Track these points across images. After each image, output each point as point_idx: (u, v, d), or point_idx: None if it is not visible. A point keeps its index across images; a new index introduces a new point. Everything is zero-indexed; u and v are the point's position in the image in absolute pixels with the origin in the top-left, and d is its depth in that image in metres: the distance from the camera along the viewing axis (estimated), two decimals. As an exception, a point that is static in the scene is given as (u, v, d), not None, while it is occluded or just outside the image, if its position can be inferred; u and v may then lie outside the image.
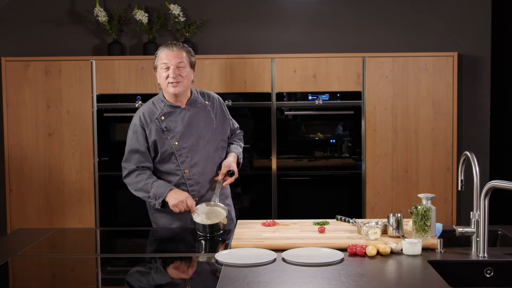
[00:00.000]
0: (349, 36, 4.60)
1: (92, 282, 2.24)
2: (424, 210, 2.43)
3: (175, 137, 2.89)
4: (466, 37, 4.56)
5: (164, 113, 2.91)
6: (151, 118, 2.90)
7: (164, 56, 2.87)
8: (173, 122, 2.90)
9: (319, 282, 2.02)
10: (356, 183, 4.34)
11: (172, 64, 2.85)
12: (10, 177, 4.32)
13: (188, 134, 2.90)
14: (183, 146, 2.90)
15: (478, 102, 4.58)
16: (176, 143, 2.89)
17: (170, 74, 2.86)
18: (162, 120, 2.90)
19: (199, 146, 2.92)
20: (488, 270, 2.29)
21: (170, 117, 2.91)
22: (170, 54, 2.86)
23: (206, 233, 2.74)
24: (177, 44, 2.90)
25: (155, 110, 2.92)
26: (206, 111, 2.98)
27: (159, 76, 2.93)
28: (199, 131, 2.93)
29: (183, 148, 2.90)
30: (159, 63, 2.90)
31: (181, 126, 2.90)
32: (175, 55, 2.86)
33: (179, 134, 2.89)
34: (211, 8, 4.60)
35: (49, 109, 4.30)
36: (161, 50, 2.90)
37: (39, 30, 4.60)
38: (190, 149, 2.90)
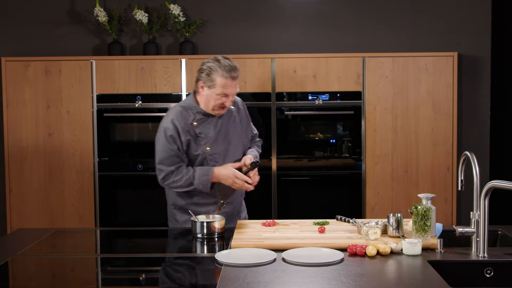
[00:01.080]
0: (349, 36, 4.60)
1: (92, 282, 2.24)
2: (424, 210, 2.43)
3: (208, 143, 2.93)
4: (466, 37, 4.56)
5: (197, 120, 2.92)
6: (184, 123, 2.89)
7: (224, 84, 2.79)
8: (206, 128, 2.92)
9: (319, 282, 2.02)
10: (356, 183, 4.34)
11: (231, 94, 2.82)
12: (10, 177, 4.32)
13: (219, 140, 2.95)
14: (215, 151, 2.94)
15: (478, 102, 4.58)
16: (209, 149, 2.93)
17: (227, 103, 2.84)
18: (195, 126, 2.91)
19: (229, 151, 2.97)
20: (488, 270, 2.29)
21: (203, 124, 2.93)
22: (231, 85, 2.80)
23: (203, 233, 2.74)
24: (235, 67, 2.81)
25: (188, 116, 2.91)
26: (233, 116, 3.01)
27: (209, 96, 2.85)
28: (228, 137, 2.97)
29: (215, 154, 2.94)
30: (215, 88, 2.80)
31: (213, 132, 2.93)
32: (235, 85, 2.82)
33: (212, 140, 2.93)
34: (211, 8, 4.60)
35: (49, 109, 4.30)
36: (221, 75, 2.78)
37: (39, 30, 4.61)
38: (221, 154, 2.95)
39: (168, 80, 4.28)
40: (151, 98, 4.29)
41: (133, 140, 4.36)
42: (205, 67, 2.82)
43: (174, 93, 4.28)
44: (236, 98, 3.06)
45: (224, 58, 2.83)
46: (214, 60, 2.82)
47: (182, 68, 4.28)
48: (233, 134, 2.98)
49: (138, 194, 4.37)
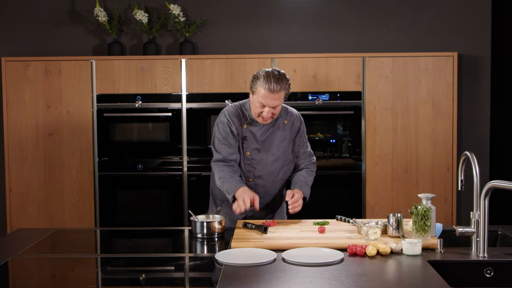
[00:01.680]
0: (349, 36, 4.60)
1: (92, 282, 2.24)
2: (424, 210, 2.43)
3: (249, 148, 2.97)
4: (466, 37, 4.56)
5: (248, 123, 2.95)
6: (237, 121, 2.95)
7: (263, 95, 2.79)
8: (252, 134, 2.96)
9: (319, 282, 2.02)
10: (356, 183, 4.34)
11: (269, 106, 2.82)
12: (10, 177, 4.32)
13: (261, 148, 2.98)
14: (254, 158, 2.98)
15: (478, 102, 4.58)
16: (248, 153, 2.97)
17: (264, 114, 2.84)
18: (244, 128, 2.95)
19: (268, 161, 2.99)
20: (488, 270, 2.29)
21: (251, 128, 2.96)
22: (270, 97, 2.78)
23: (203, 233, 2.74)
24: (280, 81, 2.79)
25: (241, 116, 2.96)
26: (283, 129, 3.01)
27: (253, 103, 2.87)
28: (271, 148, 2.98)
29: (253, 160, 2.98)
30: (256, 95, 2.82)
31: (258, 140, 2.96)
32: (274, 98, 2.79)
33: (253, 146, 2.97)
34: (211, 8, 4.60)
35: (49, 109, 4.30)
36: (262, 85, 2.79)
37: (39, 30, 4.61)
38: (259, 162, 2.98)
39: (168, 80, 4.28)
40: (151, 98, 4.29)
41: (133, 140, 4.36)
42: (255, 73, 2.86)
43: (174, 93, 4.28)
44: (295, 113, 3.06)
45: (275, 70, 2.83)
46: (264, 71, 2.83)
47: (182, 68, 4.28)
48: (277, 146, 2.99)
49: (138, 194, 4.38)
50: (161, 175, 4.33)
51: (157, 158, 4.32)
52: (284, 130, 3.01)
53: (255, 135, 2.96)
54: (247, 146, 2.97)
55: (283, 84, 2.81)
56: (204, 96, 4.28)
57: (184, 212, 4.31)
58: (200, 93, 4.28)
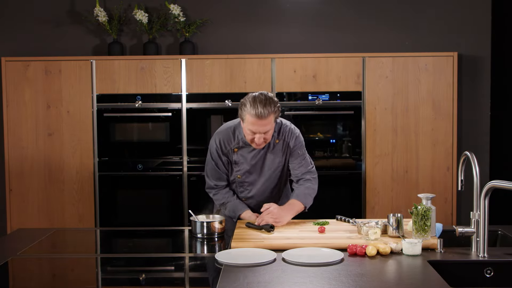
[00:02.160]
0: (349, 36, 4.60)
1: (92, 282, 2.24)
2: (424, 210, 2.43)
3: (240, 171, 2.98)
4: (466, 37, 4.56)
5: (239, 147, 2.94)
6: (226, 147, 2.95)
7: (251, 122, 2.72)
8: (243, 157, 2.95)
9: (319, 282, 2.02)
10: (356, 183, 4.33)
11: (260, 132, 2.76)
12: (10, 177, 4.32)
13: (252, 170, 2.98)
14: (245, 180, 3.00)
15: (478, 102, 4.58)
16: (239, 177, 2.99)
17: (256, 140, 2.79)
18: (235, 152, 2.95)
19: (259, 182, 3.00)
20: (488, 270, 2.29)
21: (242, 151, 2.94)
22: (258, 123, 2.72)
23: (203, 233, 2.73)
24: (267, 105, 2.70)
25: (232, 140, 2.94)
26: (275, 150, 2.96)
27: (244, 129, 2.82)
28: (263, 169, 2.99)
29: (245, 182, 3.01)
30: (245, 123, 2.76)
31: (248, 164, 2.96)
32: (264, 124, 2.72)
33: (245, 170, 2.97)
34: (211, 8, 4.60)
35: (49, 109, 4.30)
36: (249, 111, 2.71)
37: (39, 30, 4.60)
38: (251, 183, 3.01)
39: (168, 80, 4.28)
40: (151, 98, 4.29)
41: (133, 140, 4.36)
42: (242, 101, 2.79)
43: (174, 93, 4.28)
44: (286, 128, 2.96)
45: (261, 95, 2.74)
46: (250, 96, 2.75)
47: (182, 68, 4.28)
48: (268, 166, 2.97)
49: (138, 194, 4.37)
50: (161, 175, 4.33)
51: (157, 158, 4.32)
52: (275, 150, 2.96)
53: (246, 159, 2.94)
54: (238, 169, 2.97)
55: (271, 108, 2.71)
56: (204, 96, 4.28)
57: (184, 212, 4.30)
58: (200, 93, 4.28)
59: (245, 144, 2.91)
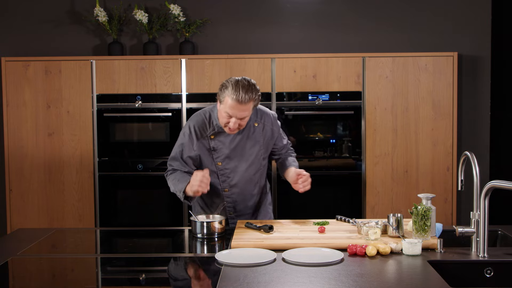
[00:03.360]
0: (349, 36, 4.60)
1: (92, 282, 2.24)
2: (424, 210, 2.43)
3: (220, 158, 2.89)
4: (466, 37, 4.56)
5: (215, 133, 2.87)
6: (201, 133, 2.87)
7: (230, 105, 2.68)
8: (221, 143, 2.87)
9: (319, 282, 2.02)
10: (356, 183, 4.34)
11: (236, 117, 2.71)
12: (10, 177, 4.32)
13: (232, 156, 2.89)
14: (226, 167, 2.91)
15: (478, 102, 4.58)
16: (220, 163, 2.90)
17: (230, 125, 2.73)
18: (211, 139, 2.87)
19: (241, 168, 2.92)
20: (488, 270, 2.29)
21: (219, 137, 2.87)
22: (237, 108, 2.67)
23: (203, 233, 2.73)
24: (249, 91, 2.67)
25: (207, 126, 2.87)
26: (255, 133, 2.91)
27: (219, 112, 2.77)
28: (243, 154, 2.91)
29: (226, 169, 2.92)
30: (223, 105, 2.71)
31: (227, 149, 2.88)
32: (242, 109, 2.69)
33: (224, 156, 2.89)
34: (211, 8, 4.60)
35: (49, 109, 4.30)
36: (229, 94, 2.67)
37: (39, 30, 4.61)
38: (232, 170, 2.92)
39: (168, 80, 4.28)
40: (151, 98, 4.29)
41: (133, 140, 4.36)
42: (223, 83, 2.75)
43: (174, 93, 4.28)
44: (266, 113, 2.94)
45: (244, 80, 2.72)
46: (233, 80, 2.72)
47: (182, 68, 4.28)
48: (249, 151, 2.91)
49: (138, 194, 4.38)
50: (161, 175, 4.30)
51: (157, 158, 4.32)
52: (255, 133, 2.91)
53: (224, 144, 2.87)
54: (217, 156, 2.89)
55: (252, 95, 2.69)
56: (204, 96, 4.28)
57: (184, 212, 4.31)
58: (200, 93, 4.28)
59: (221, 129, 2.84)
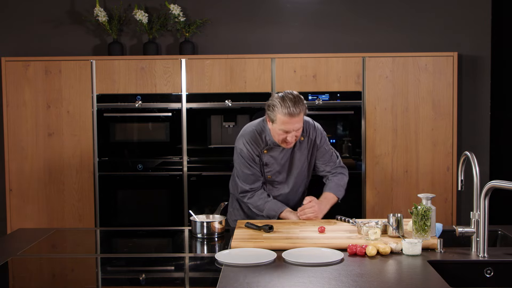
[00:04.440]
0: (349, 36, 4.60)
1: (92, 282, 2.24)
2: (424, 210, 2.43)
3: (271, 172, 3.03)
4: (466, 37, 4.56)
5: (268, 148, 2.98)
6: (255, 147, 2.98)
7: (285, 121, 2.79)
8: (273, 158, 3.00)
9: (319, 282, 2.02)
10: (356, 183, 4.33)
11: (294, 130, 2.83)
12: (10, 177, 4.32)
13: (282, 170, 3.04)
14: (275, 180, 3.06)
15: (478, 102, 4.58)
16: (270, 177, 3.04)
17: (288, 139, 2.85)
18: (265, 154, 2.99)
19: (289, 180, 3.07)
20: (488, 270, 2.29)
21: (271, 152, 3.00)
22: (291, 122, 2.80)
23: (203, 233, 2.73)
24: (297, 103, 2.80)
25: (260, 141, 2.98)
26: (302, 147, 3.04)
27: (273, 131, 2.87)
28: (292, 168, 3.05)
29: (275, 181, 3.06)
30: (277, 123, 2.83)
31: (278, 164, 3.02)
32: (296, 121, 2.81)
33: (275, 170, 3.03)
34: (211, 8, 4.60)
35: (49, 109, 4.30)
36: (281, 112, 2.79)
37: (39, 30, 4.60)
38: (280, 182, 3.07)
39: (168, 80, 4.28)
40: (151, 98, 4.29)
41: (133, 140, 4.36)
42: (270, 102, 2.86)
43: (174, 93, 4.28)
44: (310, 125, 3.05)
45: (289, 94, 2.83)
46: (278, 97, 2.83)
47: (182, 68, 4.28)
48: (296, 164, 3.04)
49: (138, 194, 4.38)
50: (161, 175, 4.33)
51: (157, 158, 4.32)
52: (301, 147, 3.04)
53: (276, 159, 3.01)
54: (269, 170, 3.03)
55: (301, 106, 2.82)
56: (204, 96, 4.28)
57: (184, 212, 4.31)
58: (200, 93, 4.28)
59: (274, 144, 2.96)
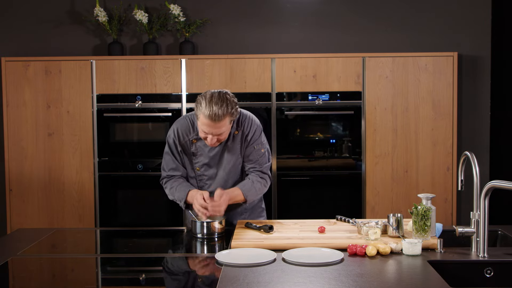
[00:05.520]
0: (349, 36, 4.60)
1: (92, 282, 2.24)
2: (424, 210, 2.43)
3: (198, 163, 2.88)
4: (466, 37, 4.56)
5: (198, 138, 2.84)
6: (184, 137, 2.85)
7: (204, 123, 2.63)
8: (201, 149, 2.86)
9: (319, 282, 2.02)
10: (356, 183, 4.33)
11: (214, 134, 2.67)
12: (10, 177, 4.32)
13: (211, 164, 2.88)
14: (204, 174, 2.90)
15: (478, 102, 4.58)
16: (198, 169, 2.89)
17: (208, 141, 2.70)
18: (193, 143, 2.86)
19: (219, 176, 2.89)
20: (488, 270, 2.29)
21: (200, 143, 2.85)
22: (212, 126, 2.62)
23: (203, 233, 2.73)
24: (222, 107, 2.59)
25: (190, 131, 2.85)
26: (234, 142, 2.85)
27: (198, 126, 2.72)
28: (222, 162, 2.87)
29: (204, 176, 2.90)
30: (199, 122, 2.67)
31: (207, 156, 2.86)
32: (217, 126, 2.63)
33: (203, 162, 2.88)
34: (211, 8, 4.60)
35: (49, 109, 4.30)
36: (203, 111, 2.61)
37: (39, 30, 4.61)
38: (210, 177, 2.90)
39: (168, 80, 4.28)
40: (151, 98, 4.29)
41: (133, 140, 4.36)
42: (198, 97, 2.70)
43: (174, 93, 4.28)
44: (246, 119, 2.86)
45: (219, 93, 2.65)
46: (208, 93, 2.67)
47: (182, 68, 4.28)
48: (227, 159, 2.86)
49: (138, 194, 4.38)
50: (161, 175, 4.32)
51: (157, 158, 4.32)
52: (234, 142, 2.84)
53: (204, 151, 2.85)
54: (197, 161, 2.87)
55: (227, 109, 2.61)
56: (204, 96, 4.28)
57: (184, 212, 4.30)
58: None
59: None
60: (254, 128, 2.86)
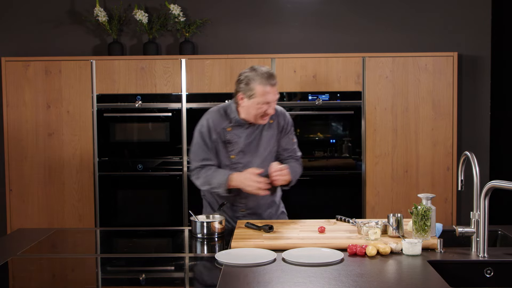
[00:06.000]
0: (349, 36, 4.60)
1: (92, 282, 2.24)
2: (424, 210, 2.43)
3: (234, 151, 2.90)
4: (466, 37, 4.56)
5: (232, 126, 2.88)
6: (217, 126, 2.88)
7: (266, 91, 2.75)
8: (237, 136, 2.88)
9: (319, 282, 2.02)
10: (356, 183, 4.33)
11: (272, 100, 2.78)
12: (10, 177, 4.32)
13: (246, 151, 2.90)
14: (239, 161, 2.90)
15: (478, 102, 4.58)
16: (233, 157, 2.90)
17: (269, 111, 2.79)
18: (228, 131, 2.88)
19: (254, 164, 2.89)
20: (488, 270, 2.29)
21: (235, 131, 2.88)
22: (272, 91, 2.77)
23: (203, 233, 2.73)
24: (273, 75, 2.80)
25: (223, 120, 2.89)
26: (270, 130, 2.92)
27: (250, 107, 2.79)
28: (257, 149, 2.91)
29: (239, 163, 2.90)
30: (256, 97, 2.76)
31: (243, 142, 2.88)
32: (275, 91, 2.79)
33: (239, 149, 2.89)
34: (211, 8, 4.60)
35: (49, 109, 4.30)
36: (259, 83, 2.76)
37: (39, 30, 4.61)
38: (245, 165, 2.89)
39: (168, 80, 4.28)
40: (151, 98, 4.29)
41: (133, 140, 4.36)
42: (242, 78, 2.80)
43: (174, 93, 4.29)
44: (281, 112, 2.97)
45: (260, 66, 2.83)
46: (250, 70, 2.80)
47: (182, 68, 4.28)
48: (263, 146, 2.91)
49: (138, 194, 4.38)
50: (161, 175, 4.33)
51: (157, 158, 4.32)
52: (270, 129, 2.93)
53: (240, 137, 2.88)
54: (232, 149, 2.89)
55: (275, 77, 2.82)
56: (204, 96, 4.28)
57: (184, 212, 4.31)
58: (200, 93, 4.28)
59: (239, 123, 2.87)
60: (287, 119, 3.00)
